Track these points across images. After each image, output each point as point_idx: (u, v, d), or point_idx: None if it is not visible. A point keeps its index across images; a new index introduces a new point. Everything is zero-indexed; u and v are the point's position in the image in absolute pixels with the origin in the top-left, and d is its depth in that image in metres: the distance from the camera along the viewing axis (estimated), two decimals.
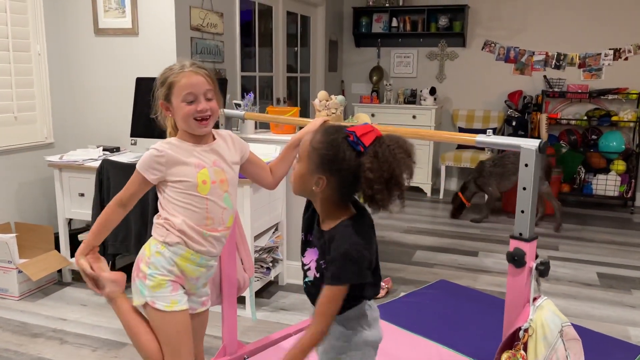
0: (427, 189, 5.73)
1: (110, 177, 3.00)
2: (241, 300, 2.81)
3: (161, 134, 1.68)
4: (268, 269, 3.07)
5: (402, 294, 3.16)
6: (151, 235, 1.62)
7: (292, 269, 3.25)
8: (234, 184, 1.67)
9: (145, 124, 3.31)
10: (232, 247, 2.21)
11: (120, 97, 3.54)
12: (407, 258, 3.81)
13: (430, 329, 2.67)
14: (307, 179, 1.32)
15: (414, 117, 5.70)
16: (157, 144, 1.58)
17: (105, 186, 3.01)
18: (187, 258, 1.58)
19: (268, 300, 3.04)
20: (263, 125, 3.73)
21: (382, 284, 3.19)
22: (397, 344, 2.51)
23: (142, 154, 3.59)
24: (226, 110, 2.16)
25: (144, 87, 3.34)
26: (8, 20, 3.27)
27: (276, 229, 3.22)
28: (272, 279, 3.16)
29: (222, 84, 3.34)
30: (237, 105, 3.32)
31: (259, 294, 3.05)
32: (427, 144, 5.58)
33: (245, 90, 4.19)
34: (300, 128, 1.86)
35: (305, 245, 1.45)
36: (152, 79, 3.39)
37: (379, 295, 3.10)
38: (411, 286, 3.27)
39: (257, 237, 2.98)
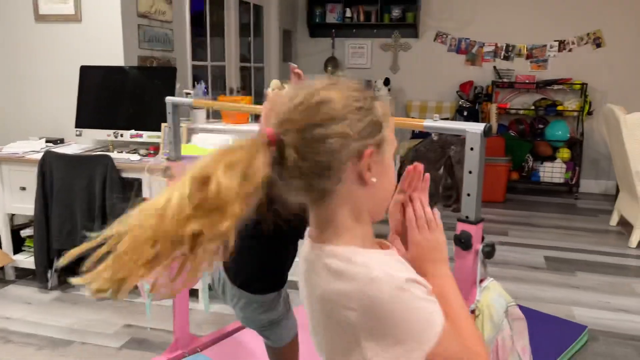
0: None
1: (53, 169, 2.87)
2: (194, 293, 2.76)
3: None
4: None
5: None
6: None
7: None
8: None
9: (91, 114, 3.19)
10: None
11: (64, 86, 3.39)
12: None
13: None
14: None
15: None
16: (379, 267, 0.82)
17: (48, 179, 2.88)
18: None
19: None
20: (215, 116, 3.67)
21: None
22: None
23: (87, 146, 3.42)
24: (173, 98, 2.10)
25: (89, 76, 3.21)
26: None
27: None
28: None
29: (171, 72, 3.26)
30: (188, 95, 3.25)
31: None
32: None
33: (197, 80, 4.10)
34: (258, 117, 1.80)
35: None
36: (97, 67, 3.28)
37: None
38: None
39: None
